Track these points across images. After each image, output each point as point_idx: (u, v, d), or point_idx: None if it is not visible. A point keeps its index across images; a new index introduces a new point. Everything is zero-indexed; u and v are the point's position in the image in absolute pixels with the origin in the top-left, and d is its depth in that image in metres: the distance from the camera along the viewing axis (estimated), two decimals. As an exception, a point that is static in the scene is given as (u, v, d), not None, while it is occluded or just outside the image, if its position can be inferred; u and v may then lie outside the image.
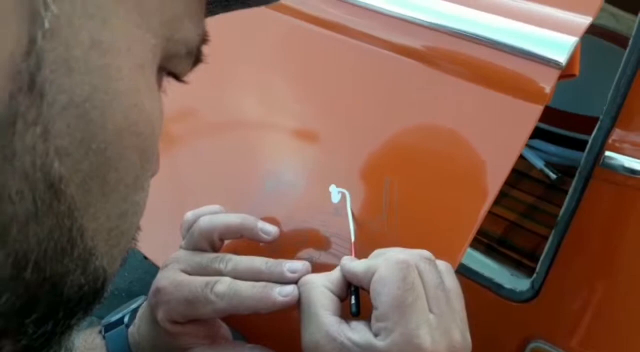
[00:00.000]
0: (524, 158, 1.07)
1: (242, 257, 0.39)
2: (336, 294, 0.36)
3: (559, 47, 0.37)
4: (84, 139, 0.17)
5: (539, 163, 1.06)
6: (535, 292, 0.73)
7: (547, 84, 0.37)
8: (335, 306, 0.35)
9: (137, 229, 0.21)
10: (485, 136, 0.39)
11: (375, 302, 0.33)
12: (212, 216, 0.41)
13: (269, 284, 0.36)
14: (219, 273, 0.38)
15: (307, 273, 0.37)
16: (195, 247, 0.41)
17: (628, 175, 0.64)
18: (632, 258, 0.67)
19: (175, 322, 0.38)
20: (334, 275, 0.37)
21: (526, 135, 0.37)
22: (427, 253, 0.35)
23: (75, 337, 0.20)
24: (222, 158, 0.50)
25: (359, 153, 0.43)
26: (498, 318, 0.77)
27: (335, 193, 0.41)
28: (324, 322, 0.33)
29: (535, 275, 0.73)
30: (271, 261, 0.38)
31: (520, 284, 0.75)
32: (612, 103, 0.62)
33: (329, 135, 0.45)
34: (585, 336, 0.71)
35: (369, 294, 0.34)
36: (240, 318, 0.39)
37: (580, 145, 1.05)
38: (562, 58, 0.37)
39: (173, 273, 0.39)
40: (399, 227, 0.39)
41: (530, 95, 0.38)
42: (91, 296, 0.19)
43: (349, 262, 0.37)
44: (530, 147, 1.11)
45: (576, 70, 0.40)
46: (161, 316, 0.38)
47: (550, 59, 0.37)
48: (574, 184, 0.67)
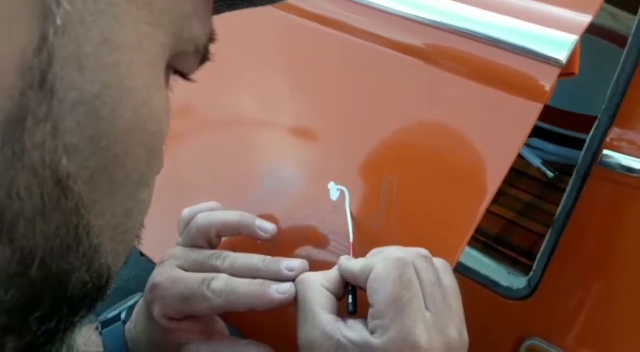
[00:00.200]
0: (521, 156, 1.07)
1: (240, 254, 0.39)
2: (333, 293, 0.35)
3: (560, 45, 0.37)
4: (93, 136, 0.17)
5: (536, 161, 1.06)
6: (532, 290, 0.73)
7: (547, 82, 0.37)
8: (331, 304, 0.35)
9: (141, 227, 0.21)
10: (484, 134, 0.39)
11: (371, 299, 0.33)
12: (209, 212, 0.41)
13: (266, 282, 0.36)
14: (216, 270, 0.38)
15: (304, 271, 0.37)
16: (192, 244, 0.40)
17: (625, 173, 0.64)
18: (629, 257, 0.67)
19: (171, 318, 0.38)
20: (332, 274, 0.37)
21: (526, 133, 0.37)
22: (424, 251, 0.35)
23: (78, 334, 0.20)
24: (220, 155, 0.49)
25: (358, 151, 0.43)
26: (494, 316, 0.77)
27: (334, 190, 0.41)
28: (320, 320, 0.33)
29: (532, 273, 0.73)
30: (268, 258, 0.38)
31: (516, 282, 0.75)
32: (610, 102, 0.62)
33: (328, 133, 0.45)
34: (581, 334, 0.72)
35: (365, 292, 0.34)
36: (237, 314, 0.39)
37: (577, 144, 1.05)
38: (562, 56, 0.37)
39: (169, 269, 0.39)
40: (397, 224, 0.39)
41: (530, 93, 0.38)
42: (95, 293, 0.19)
43: (346, 261, 0.36)
44: (528, 146, 1.11)
45: (576, 69, 0.40)
46: (157, 312, 0.38)
47: (551, 57, 0.37)
48: (571, 182, 0.67)
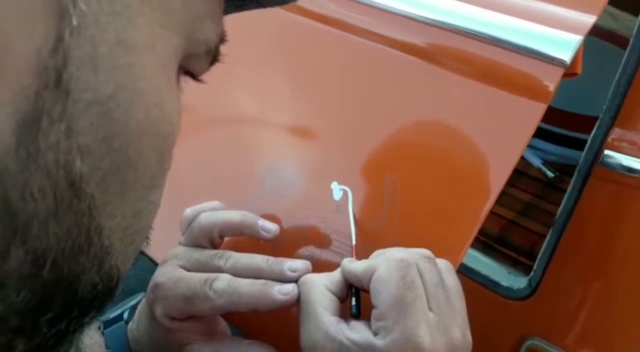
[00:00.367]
0: (521, 156, 1.07)
1: (242, 255, 0.39)
2: (336, 295, 0.35)
3: (564, 45, 0.37)
4: (106, 137, 0.17)
5: (536, 161, 1.06)
6: (532, 290, 0.73)
7: (551, 82, 0.37)
8: (334, 306, 0.35)
9: (150, 228, 0.21)
10: (488, 134, 0.39)
11: (374, 300, 0.33)
12: (212, 212, 0.41)
13: (269, 282, 0.36)
14: (218, 270, 0.38)
15: (307, 272, 0.37)
16: (195, 243, 0.40)
17: (626, 173, 0.64)
18: (629, 256, 0.67)
19: (173, 318, 0.38)
20: (334, 275, 0.36)
21: (529, 134, 0.37)
22: (427, 251, 0.34)
23: (85, 335, 0.20)
24: (222, 155, 0.49)
25: (361, 150, 0.42)
26: (494, 315, 0.77)
27: (337, 190, 0.41)
28: (323, 322, 0.33)
29: (532, 273, 0.73)
30: (271, 258, 0.38)
31: (517, 281, 0.75)
32: (611, 102, 0.62)
33: (330, 132, 0.45)
34: (581, 333, 0.72)
35: (369, 294, 0.33)
36: (239, 314, 0.39)
37: (576, 144, 1.05)
38: (566, 56, 0.37)
39: (172, 269, 0.38)
40: (400, 225, 0.39)
41: (534, 93, 0.38)
42: (104, 294, 0.19)
43: (348, 263, 0.36)
44: (528, 146, 1.10)
45: (578, 69, 0.40)
46: (159, 311, 0.38)
47: (555, 57, 0.37)
48: (572, 182, 0.67)
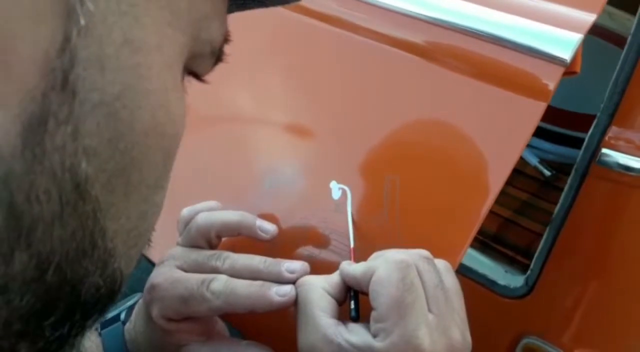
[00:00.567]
0: (518, 155, 1.07)
1: (240, 255, 0.38)
2: (334, 297, 0.35)
3: (564, 44, 0.37)
4: (112, 138, 0.16)
5: (533, 160, 1.06)
6: (529, 288, 0.73)
7: (551, 81, 0.37)
8: (332, 308, 0.34)
9: (153, 230, 0.21)
10: (487, 133, 0.39)
11: (374, 302, 0.32)
12: (209, 212, 0.40)
13: (266, 283, 0.36)
14: (216, 271, 0.37)
15: (305, 273, 0.37)
16: (192, 243, 0.40)
17: (622, 172, 0.64)
18: (626, 255, 0.68)
19: (169, 319, 0.37)
20: (333, 278, 0.36)
21: (529, 132, 0.37)
22: (426, 252, 0.34)
23: (86, 338, 0.20)
24: (220, 154, 0.49)
25: (360, 150, 0.42)
26: (491, 314, 0.77)
27: (336, 189, 0.41)
28: (321, 324, 0.33)
29: (529, 271, 0.73)
30: (269, 259, 0.37)
31: (514, 280, 0.75)
32: (609, 100, 0.62)
33: (328, 131, 0.45)
34: (578, 332, 0.72)
35: (367, 296, 0.33)
36: (237, 315, 0.39)
37: (573, 142, 1.05)
38: (566, 55, 0.37)
39: (169, 270, 0.38)
40: (399, 224, 0.39)
41: (534, 92, 0.38)
42: (107, 297, 0.19)
43: (347, 266, 0.36)
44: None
45: (578, 68, 0.40)
46: (155, 312, 0.37)
47: (555, 55, 0.37)
48: (569, 181, 0.67)
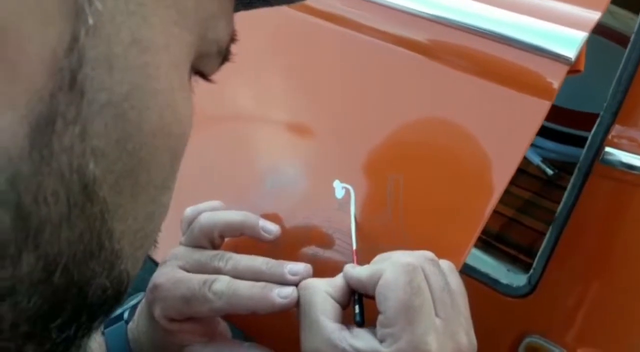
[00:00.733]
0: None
1: (242, 256, 0.38)
2: (338, 301, 0.34)
3: (568, 42, 0.37)
4: (120, 139, 0.16)
5: (536, 159, 1.06)
6: (532, 287, 0.73)
7: (556, 79, 0.37)
8: (336, 312, 0.34)
9: (159, 231, 0.21)
10: (491, 131, 0.39)
11: (381, 306, 0.32)
12: (212, 212, 0.40)
13: (268, 284, 0.36)
14: (218, 271, 0.37)
15: (308, 276, 0.37)
16: (195, 243, 0.40)
17: (626, 170, 0.64)
18: (629, 254, 0.67)
19: (172, 319, 0.37)
20: (336, 281, 0.36)
21: (533, 131, 0.37)
22: (431, 254, 0.34)
23: (92, 339, 0.20)
24: (223, 154, 0.49)
25: (363, 149, 0.42)
26: (494, 313, 0.77)
27: (339, 188, 0.41)
28: (325, 328, 0.32)
29: (532, 270, 0.73)
30: (272, 261, 0.37)
31: (516, 279, 0.75)
32: (612, 99, 0.62)
33: (332, 130, 0.44)
34: (580, 331, 0.72)
35: (373, 300, 0.33)
36: (240, 315, 0.39)
37: (576, 141, 1.05)
38: (571, 53, 0.36)
39: (171, 270, 0.38)
40: (403, 224, 0.39)
41: (538, 91, 0.37)
42: (113, 299, 0.19)
43: (351, 269, 0.36)
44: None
45: (581, 66, 0.40)
46: (158, 312, 0.37)
47: (560, 54, 0.37)
48: (572, 180, 0.67)
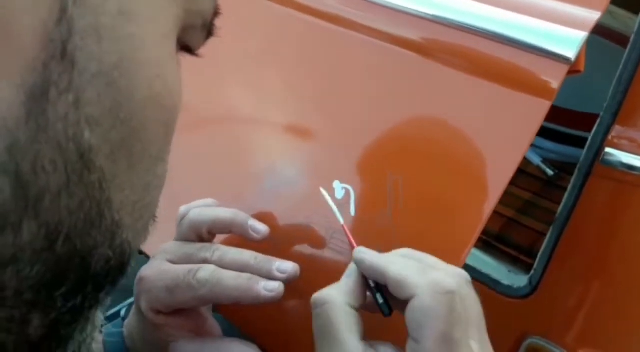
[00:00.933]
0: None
1: (231, 248, 0.38)
2: (357, 307, 0.32)
3: (568, 42, 0.37)
4: (113, 108, 0.17)
5: (536, 159, 1.06)
6: (533, 288, 0.72)
7: (555, 80, 0.37)
8: (360, 327, 0.31)
9: (157, 204, 0.21)
10: (491, 132, 0.39)
11: (415, 333, 0.29)
12: (202, 208, 0.40)
13: (254, 276, 0.35)
14: (205, 261, 0.37)
15: (295, 275, 0.36)
16: (184, 238, 0.40)
17: (626, 171, 0.64)
18: (630, 254, 0.67)
19: (158, 312, 0.37)
20: (349, 284, 0.33)
21: (533, 131, 0.37)
22: (466, 275, 0.32)
23: (101, 312, 0.21)
24: (221, 153, 0.49)
25: (363, 149, 0.42)
26: (495, 314, 0.76)
27: (339, 189, 0.40)
28: (351, 349, 0.29)
29: (532, 271, 0.72)
30: (260, 256, 0.37)
31: (517, 280, 0.75)
32: (612, 99, 0.62)
33: (330, 130, 0.44)
34: (581, 332, 0.71)
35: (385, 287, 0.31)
36: (235, 310, 0.38)
37: (576, 142, 1.05)
38: (571, 53, 0.36)
39: (159, 263, 0.38)
40: (403, 224, 0.39)
41: (538, 91, 0.37)
42: (117, 269, 0.19)
43: (368, 256, 0.33)
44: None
45: (581, 66, 0.40)
46: (144, 305, 0.37)
47: (559, 54, 0.37)
48: (572, 180, 0.67)
